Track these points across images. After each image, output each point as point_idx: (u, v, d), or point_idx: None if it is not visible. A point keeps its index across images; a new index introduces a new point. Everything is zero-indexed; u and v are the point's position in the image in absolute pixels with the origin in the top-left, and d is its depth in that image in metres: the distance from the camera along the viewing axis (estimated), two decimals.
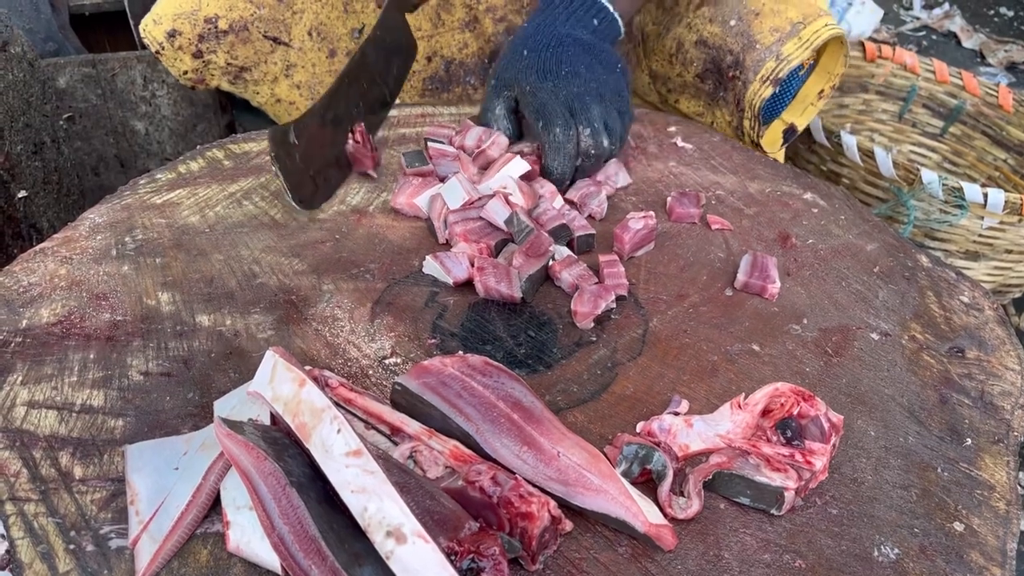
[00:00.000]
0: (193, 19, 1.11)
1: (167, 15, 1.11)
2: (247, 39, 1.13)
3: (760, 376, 0.72)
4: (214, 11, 1.11)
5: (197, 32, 1.11)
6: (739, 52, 1.05)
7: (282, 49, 1.16)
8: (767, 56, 1.01)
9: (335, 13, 1.15)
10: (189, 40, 1.12)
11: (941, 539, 0.60)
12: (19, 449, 0.62)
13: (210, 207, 0.88)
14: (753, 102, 1.03)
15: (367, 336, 0.74)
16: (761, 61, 1.02)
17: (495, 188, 0.86)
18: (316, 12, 1.14)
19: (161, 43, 1.11)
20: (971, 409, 0.71)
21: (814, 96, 1.16)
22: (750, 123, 1.07)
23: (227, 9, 1.11)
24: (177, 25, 1.10)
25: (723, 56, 1.07)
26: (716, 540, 0.59)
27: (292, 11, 1.14)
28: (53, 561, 0.55)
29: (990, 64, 2.73)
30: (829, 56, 1.13)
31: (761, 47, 1.03)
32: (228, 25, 1.11)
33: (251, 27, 1.13)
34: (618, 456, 0.61)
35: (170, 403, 0.66)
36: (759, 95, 1.02)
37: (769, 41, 1.02)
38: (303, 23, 1.15)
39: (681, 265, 0.85)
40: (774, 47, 1.02)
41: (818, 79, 1.15)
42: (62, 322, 0.73)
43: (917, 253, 0.89)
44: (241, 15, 1.12)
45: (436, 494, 0.58)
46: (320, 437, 0.54)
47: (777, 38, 1.02)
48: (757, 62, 1.02)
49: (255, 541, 0.55)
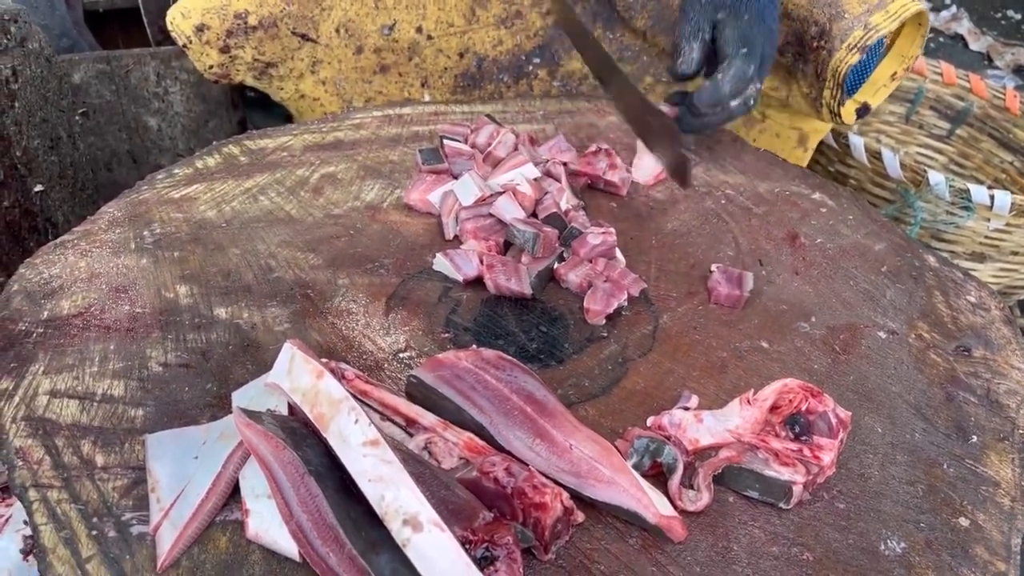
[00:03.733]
0: (223, 14, 1.11)
1: (196, 9, 1.11)
2: (275, 35, 1.14)
3: (769, 373, 0.73)
4: (244, 6, 1.11)
5: (226, 27, 1.12)
6: (825, 22, 1.07)
7: (309, 45, 1.17)
8: (855, 25, 1.04)
9: (365, 9, 1.15)
10: (217, 35, 1.12)
11: (947, 534, 0.61)
12: (41, 437, 0.63)
13: (227, 202, 0.89)
14: (839, 68, 1.05)
15: (382, 330, 0.75)
16: (849, 30, 1.04)
17: (503, 185, 0.87)
18: (345, 9, 1.15)
19: (189, 37, 1.11)
20: (977, 407, 0.72)
21: (887, 78, 1.19)
22: (831, 91, 1.09)
23: (257, 5, 1.11)
24: (206, 20, 1.11)
25: (807, 27, 1.10)
26: (725, 532, 0.60)
27: (321, 7, 1.14)
28: (76, 546, 0.56)
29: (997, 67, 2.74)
30: (905, 39, 1.17)
31: (850, 16, 1.05)
32: (258, 21, 1.12)
33: (280, 23, 1.13)
34: (629, 449, 0.63)
35: (189, 394, 0.67)
36: (845, 62, 1.04)
37: (858, 11, 1.05)
38: (332, 19, 1.16)
39: (691, 263, 0.86)
40: (862, 17, 1.04)
41: (892, 61, 1.19)
42: (83, 314, 0.74)
43: (924, 253, 0.90)
44: (271, 11, 1.12)
45: (451, 484, 0.59)
46: (338, 427, 0.56)
47: (865, 8, 1.05)
48: (845, 31, 1.04)
49: (274, 529, 0.56)
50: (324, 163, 0.96)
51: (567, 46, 1.24)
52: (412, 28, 1.18)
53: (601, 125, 1.09)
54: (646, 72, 1.28)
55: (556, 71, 1.25)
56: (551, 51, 1.24)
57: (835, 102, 1.10)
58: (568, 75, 1.25)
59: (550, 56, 1.24)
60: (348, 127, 1.04)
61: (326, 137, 1.01)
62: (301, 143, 1.00)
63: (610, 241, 0.83)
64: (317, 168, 0.95)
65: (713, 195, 0.97)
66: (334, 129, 1.03)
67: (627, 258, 0.85)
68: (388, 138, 1.02)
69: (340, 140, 1.01)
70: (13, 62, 1.14)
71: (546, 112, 1.12)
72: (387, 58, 1.20)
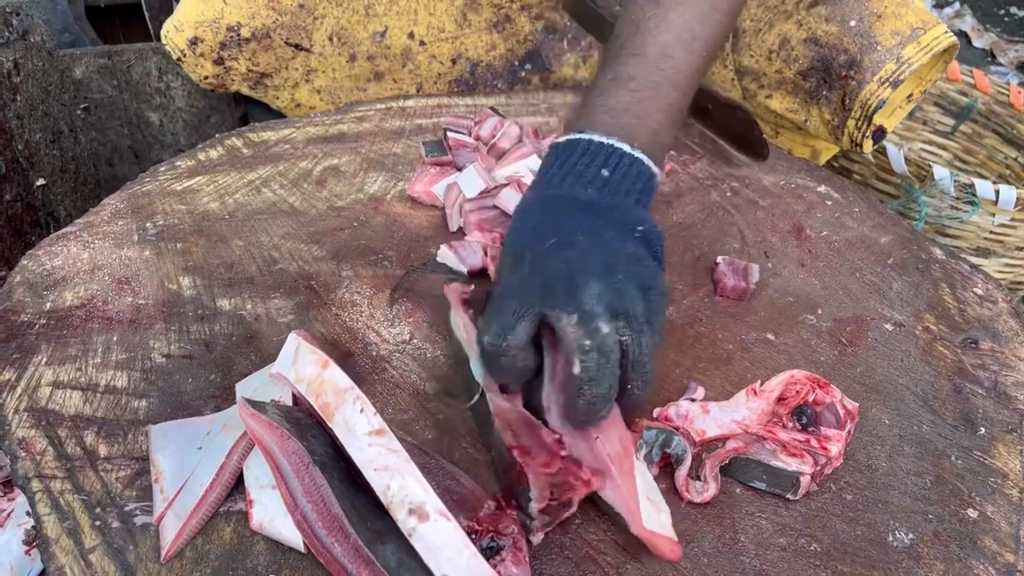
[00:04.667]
0: (215, 27, 1.11)
1: (189, 22, 1.11)
2: (269, 46, 1.14)
3: (775, 365, 0.73)
4: (236, 19, 1.11)
5: (219, 40, 1.11)
6: (856, 52, 1.05)
7: (303, 55, 1.17)
8: (887, 58, 1.02)
9: (356, 17, 1.15)
10: (211, 48, 1.12)
11: (955, 525, 0.61)
12: (44, 428, 0.62)
13: (229, 194, 0.89)
14: (869, 102, 1.03)
15: (386, 321, 0.75)
16: (881, 62, 1.02)
17: (508, 176, 0.87)
18: (337, 17, 1.15)
19: (183, 50, 1.12)
20: (985, 399, 0.72)
21: (903, 99, 1.16)
22: (856, 123, 1.07)
23: (249, 17, 1.11)
24: (199, 33, 1.11)
25: (836, 55, 1.07)
26: (732, 523, 0.59)
27: (313, 17, 1.14)
28: (79, 537, 0.56)
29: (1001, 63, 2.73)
30: (927, 64, 1.14)
31: (882, 49, 1.03)
32: (251, 33, 1.12)
33: (273, 34, 1.13)
34: (639, 440, 0.62)
35: (192, 385, 0.67)
36: (876, 95, 1.02)
37: (891, 44, 1.03)
38: (324, 28, 1.15)
39: (696, 255, 0.85)
40: (895, 49, 1.02)
41: (908, 83, 1.16)
42: (85, 305, 0.73)
43: (931, 246, 0.89)
44: (263, 23, 1.12)
45: (456, 474, 0.59)
46: (343, 417, 0.55)
47: (898, 41, 1.03)
48: (876, 63, 1.02)
49: (278, 519, 0.56)
50: (327, 155, 0.96)
51: (557, 51, 1.23)
52: (404, 34, 1.18)
53: None
54: None
55: (548, 78, 1.25)
56: (542, 57, 1.24)
57: (860, 134, 1.08)
58: (561, 81, 1.25)
59: (541, 62, 1.24)
60: (351, 120, 1.03)
61: (329, 130, 1.01)
62: (304, 136, 0.99)
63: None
64: (320, 160, 0.95)
65: (719, 188, 0.96)
66: (337, 122, 1.03)
67: None
68: (391, 131, 1.02)
69: (343, 133, 1.01)
70: (15, 55, 1.14)
71: (550, 105, 1.11)
72: (381, 65, 1.20)
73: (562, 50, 1.23)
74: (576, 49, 1.24)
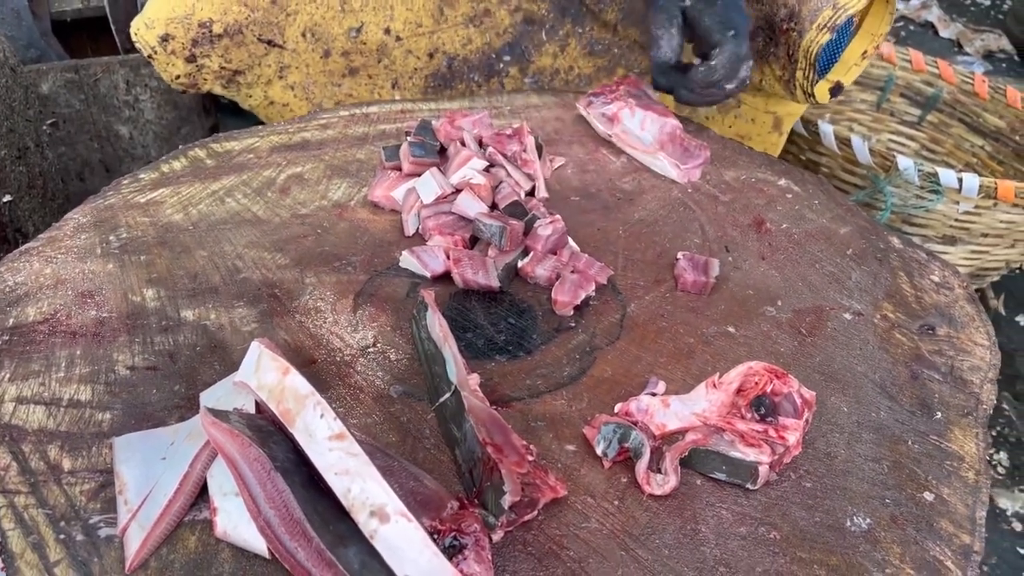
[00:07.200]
0: (187, 23, 1.10)
1: (160, 19, 1.10)
2: (241, 42, 1.14)
3: (736, 357, 0.74)
4: (208, 15, 1.10)
5: (191, 36, 1.11)
6: (794, 4, 1.09)
7: (276, 51, 1.17)
8: (824, 5, 1.06)
9: (331, 13, 1.15)
10: (182, 45, 1.11)
11: (912, 509, 0.62)
12: (8, 443, 0.62)
13: (193, 205, 0.89)
14: (810, 49, 1.07)
15: (350, 327, 0.75)
16: (818, 10, 1.06)
17: (459, 183, 0.87)
18: (310, 13, 1.15)
19: (153, 47, 1.11)
20: (941, 384, 0.73)
21: (858, 57, 1.22)
22: (803, 72, 1.11)
23: (221, 13, 1.11)
24: (170, 29, 1.10)
25: (777, 10, 1.12)
26: (693, 515, 0.60)
27: (286, 13, 1.14)
28: (44, 551, 0.56)
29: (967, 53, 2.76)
30: (873, 17, 1.20)
31: None
32: (223, 29, 1.11)
33: (245, 30, 1.13)
34: (596, 436, 0.63)
35: (156, 396, 0.67)
36: (816, 42, 1.06)
37: None
38: (297, 24, 1.15)
39: (658, 252, 0.86)
40: None
41: (862, 40, 1.22)
42: (48, 320, 0.73)
43: (889, 235, 0.91)
44: (235, 18, 1.11)
45: (419, 476, 0.60)
46: (304, 422, 0.56)
47: None
48: (814, 11, 1.06)
49: (242, 526, 0.56)
50: (291, 163, 0.96)
51: (536, 42, 1.24)
52: (380, 30, 1.18)
53: (567, 119, 1.09)
54: (618, 64, 1.28)
55: (527, 68, 1.26)
56: (521, 48, 1.24)
57: (808, 83, 1.12)
58: (539, 71, 1.26)
59: (520, 53, 1.24)
60: (315, 127, 1.04)
61: (292, 138, 1.01)
62: (268, 144, 1.00)
63: (559, 228, 0.83)
64: (284, 168, 0.95)
65: (679, 184, 0.97)
66: (301, 130, 1.03)
67: (594, 249, 0.86)
68: (355, 137, 1.03)
69: (307, 140, 1.01)
70: None
71: (513, 107, 1.12)
72: (356, 61, 1.20)
73: (540, 40, 1.24)
74: (555, 39, 1.25)
